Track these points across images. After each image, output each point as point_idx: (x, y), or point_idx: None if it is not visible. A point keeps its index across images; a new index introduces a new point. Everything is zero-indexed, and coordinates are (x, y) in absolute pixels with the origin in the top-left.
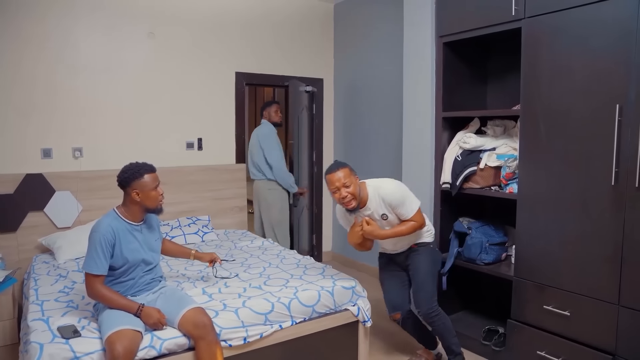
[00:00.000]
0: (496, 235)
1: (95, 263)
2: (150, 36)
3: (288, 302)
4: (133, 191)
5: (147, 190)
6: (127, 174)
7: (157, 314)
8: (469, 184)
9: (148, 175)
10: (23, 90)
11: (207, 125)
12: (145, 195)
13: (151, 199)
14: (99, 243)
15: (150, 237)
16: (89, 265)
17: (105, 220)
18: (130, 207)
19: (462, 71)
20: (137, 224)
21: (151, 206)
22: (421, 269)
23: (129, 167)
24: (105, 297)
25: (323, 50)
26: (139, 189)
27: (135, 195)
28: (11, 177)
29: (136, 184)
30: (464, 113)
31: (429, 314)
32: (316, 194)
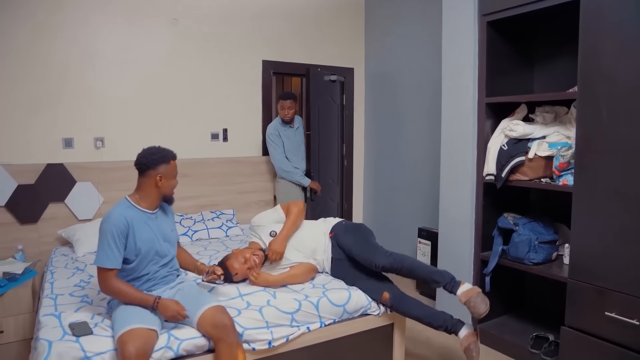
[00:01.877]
0: (546, 232)
1: (108, 256)
2: (174, 22)
3: (316, 300)
4: (157, 175)
5: (170, 177)
6: (154, 156)
7: (174, 306)
8: (515, 175)
9: (174, 162)
10: (45, 80)
11: (233, 116)
12: (167, 182)
13: (172, 186)
14: (111, 234)
15: (165, 227)
16: (101, 259)
17: (117, 209)
18: (147, 194)
19: (507, 53)
20: (152, 212)
21: (169, 194)
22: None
23: (154, 150)
24: (119, 291)
25: (353, 39)
26: (164, 174)
27: (158, 181)
28: (32, 167)
29: (162, 168)
30: (510, 98)
31: (388, 255)
32: (346, 189)
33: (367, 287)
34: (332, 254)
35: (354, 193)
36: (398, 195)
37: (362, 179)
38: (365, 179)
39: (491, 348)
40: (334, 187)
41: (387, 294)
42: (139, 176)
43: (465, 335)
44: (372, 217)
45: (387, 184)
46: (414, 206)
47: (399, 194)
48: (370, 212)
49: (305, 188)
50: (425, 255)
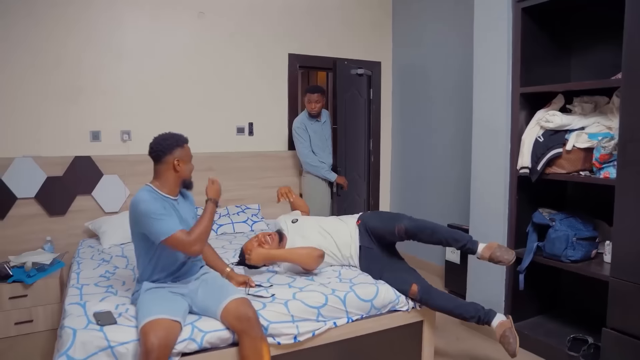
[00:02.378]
0: (585, 228)
1: (167, 224)
2: (200, 16)
3: (344, 295)
4: (175, 160)
5: (187, 159)
6: (168, 141)
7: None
8: (552, 168)
9: (187, 146)
10: (72, 74)
11: (259, 110)
12: (185, 165)
13: (190, 169)
14: (154, 208)
15: (187, 214)
16: (163, 231)
17: (144, 192)
18: (167, 179)
19: (543, 41)
20: (174, 198)
21: (188, 177)
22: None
23: (167, 135)
24: (200, 230)
25: (380, 32)
26: (180, 157)
27: (177, 165)
28: (60, 160)
29: (178, 152)
30: (546, 87)
31: (409, 218)
32: (373, 184)
33: (395, 279)
34: (360, 242)
35: (380, 189)
36: (426, 191)
37: (389, 174)
38: (393, 174)
39: (525, 350)
40: (361, 183)
41: (416, 286)
42: (156, 164)
43: (499, 323)
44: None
45: (415, 179)
46: (443, 202)
47: (427, 190)
48: (397, 209)
49: (331, 183)
50: (455, 253)
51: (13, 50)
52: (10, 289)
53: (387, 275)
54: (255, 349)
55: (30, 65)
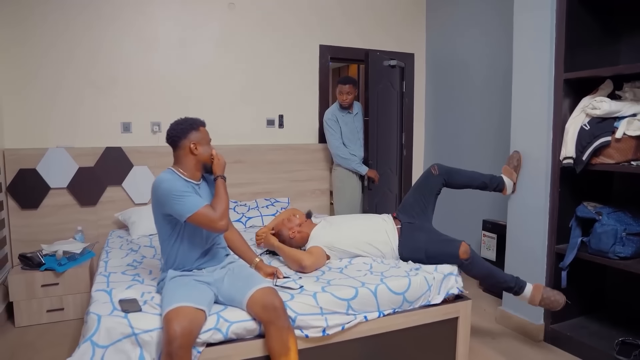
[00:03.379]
0: (635, 223)
1: (190, 201)
2: (231, 7)
3: (374, 288)
4: (191, 143)
5: (204, 142)
6: (182, 125)
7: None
8: (599, 158)
9: (203, 128)
10: (104, 66)
11: (289, 102)
12: (202, 147)
13: (208, 152)
14: (175, 186)
15: (207, 199)
16: (187, 208)
17: (165, 173)
18: (186, 164)
19: (589, 24)
20: (197, 183)
21: (208, 162)
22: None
23: (181, 120)
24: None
25: (414, 23)
26: (197, 140)
27: (194, 148)
28: (92, 151)
29: (194, 135)
30: (592, 72)
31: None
32: (405, 179)
33: (441, 243)
34: (402, 219)
35: (413, 183)
36: None
37: (421, 169)
38: (425, 169)
39: (567, 352)
40: (393, 178)
41: (466, 244)
42: (174, 150)
43: (533, 287)
44: None
45: None
46: (478, 197)
47: None
48: None
49: (362, 177)
50: (491, 249)
51: (47, 43)
52: (43, 277)
53: (433, 242)
54: (282, 340)
55: (63, 58)
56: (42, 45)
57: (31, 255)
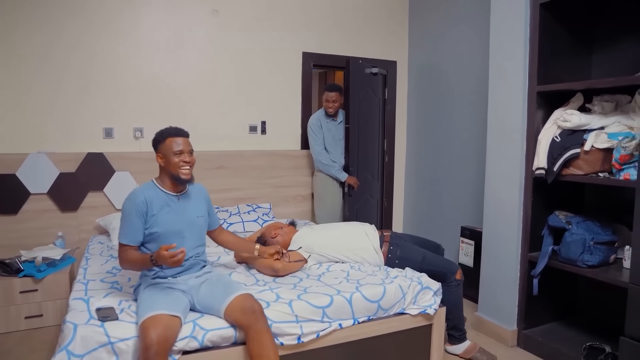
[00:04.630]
0: (603, 232)
1: (125, 232)
2: (215, 13)
3: (349, 296)
4: (157, 155)
5: (168, 154)
6: (154, 137)
7: (169, 252)
8: (569, 170)
9: (170, 139)
10: (86, 69)
11: (272, 109)
12: (167, 159)
13: (174, 164)
14: (128, 212)
15: (190, 211)
16: (121, 234)
17: (139, 189)
18: (161, 174)
19: (562, 38)
20: (175, 194)
21: (175, 172)
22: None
23: (159, 131)
24: (131, 260)
25: (397, 31)
26: (162, 152)
27: (159, 160)
28: (73, 156)
29: (161, 146)
30: (564, 85)
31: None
32: (387, 185)
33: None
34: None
35: (394, 190)
36: (440, 192)
37: (403, 175)
38: (407, 175)
39: (539, 357)
40: (374, 184)
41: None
42: None
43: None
44: (413, 215)
45: (429, 180)
46: (457, 204)
47: (442, 191)
48: (411, 210)
49: (342, 183)
50: (468, 256)
51: (27, 47)
52: (21, 283)
53: (433, 255)
54: (262, 343)
55: (44, 62)
56: (26, 52)
57: (9, 261)
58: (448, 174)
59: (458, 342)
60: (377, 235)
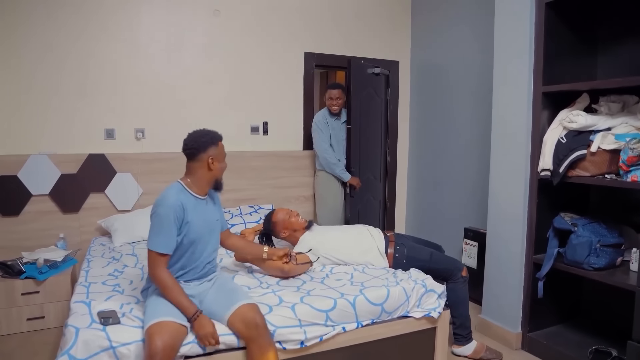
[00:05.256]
0: (609, 235)
1: (163, 240)
2: (216, 13)
3: (353, 299)
4: (209, 158)
5: (221, 158)
6: (204, 138)
7: (211, 328)
8: (575, 171)
9: (221, 144)
10: (87, 72)
11: (274, 109)
12: (219, 164)
13: (223, 168)
14: (167, 218)
15: (210, 215)
16: (155, 243)
17: (172, 192)
18: (199, 178)
19: (567, 38)
20: (203, 198)
21: (220, 177)
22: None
23: (203, 132)
24: (166, 284)
25: (399, 31)
26: (215, 156)
27: (211, 163)
28: (74, 157)
29: (213, 150)
30: (570, 86)
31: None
32: (389, 186)
33: (447, 258)
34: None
35: (397, 190)
36: (444, 193)
37: (405, 176)
38: (410, 176)
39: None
40: (376, 184)
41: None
42: (189, 161)
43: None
44: (416, 216)
45: (432, 181)
46: (461, 205)
47: (445, 192)
48: (413, 211)
49: (344, 183)
50: (472, 257)
51: (29, 47)
52: (23, 285)
53: (437, 254)
54: (262, 358)
55: (45, 63)
56: (25, 53)
57: (11, 263)
58: (451, 174)
59: (465, 341)
60: (382, 238)
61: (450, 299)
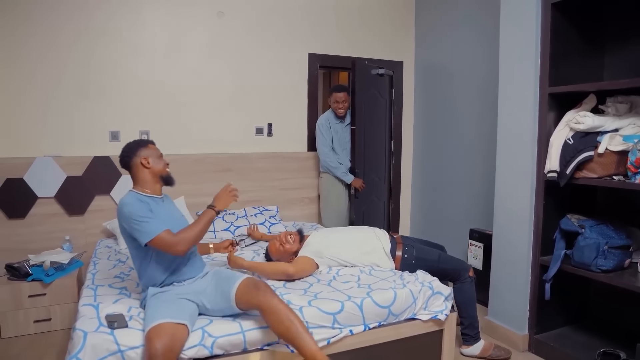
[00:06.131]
0: (617, 236)
1: (153, 223)
2: (220, 15)
3: (360, 301)
4: (141, 159)
5: (155, 156)
6: (132, 144)
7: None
8: (582, 172)
9: (152, 145)
10: (92, 74)
11: (278, 111)
12: (154, 160)
13: (162, 164)
14: (139, 210)
15: (176, 212)
16: (150, 231)
17: (127, 196)
18: (143, 180)
19: (573, 38)
20: (160, 197)
21: (163, 173)
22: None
23: (130, 142)
24: (189, 233)
25: (403, 31)
26: (147, 155)
27: (145, 162)
28: (80, 160)
29: (143, 151)
30: (576, 87)
31: None
32: (394, 187)
33: (453, 259)
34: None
35: (401, 192)
36: (448, 194)
37: (410, 177)
38: (414, 177)
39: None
40: (381, 185)
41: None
42: (129, 171)
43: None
44: (421, 217)
45: (437, 182)
46: (466, 206)
47: (450, 193)
48: (418, 212)
49: (348, 185)
50: (477, 259)
51: (30, 47)
52: (30, 288)
53: (445, 255)
54: (278, 311)
55: (51, 66)
56: (29, 54)
57: (18, 265)
58: (455, 175)
59: (474, 341)
60: (388, 239)
61: (458, 299)
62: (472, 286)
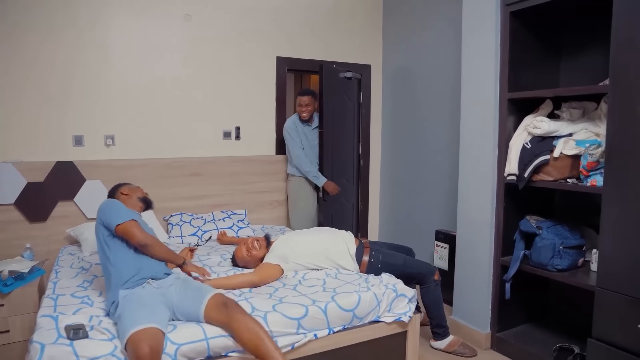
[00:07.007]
0: (572, 237)
1: (124, 212)
2: (187, 18)
3: (324, 305)
4: (120, 193)
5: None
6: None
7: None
8: (539, 176)
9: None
10: (54, 77)
11: (246, 114)
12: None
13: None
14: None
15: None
16: (120, 216)
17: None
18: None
19: (532, 45)
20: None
21: (143, 195)
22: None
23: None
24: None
25: (371, 35)
26: (124, 190)
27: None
28: (41, 165)
29: (121, 188)
30: (534, 93)
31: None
32: (362, 189)
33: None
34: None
35: (370, 194)
36: (415, 196)
37: (378, 179)
38: (382, 179)
39: (511, 359)
40: (350, 188)
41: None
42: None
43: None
44: (389, 219)
45: (405, 184)
46: (432, 208)
47: (417, 195)
48: (386, 214)
49: (317, 188)
50: (443, 259)
51: None
52: None
53: (410, 259)
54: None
55: (9, 68)
56: None
57: None
58: (423, 177)
59: (442, 337)
60: (353, 240)
61: (425, 301)
62: (437, 289)
